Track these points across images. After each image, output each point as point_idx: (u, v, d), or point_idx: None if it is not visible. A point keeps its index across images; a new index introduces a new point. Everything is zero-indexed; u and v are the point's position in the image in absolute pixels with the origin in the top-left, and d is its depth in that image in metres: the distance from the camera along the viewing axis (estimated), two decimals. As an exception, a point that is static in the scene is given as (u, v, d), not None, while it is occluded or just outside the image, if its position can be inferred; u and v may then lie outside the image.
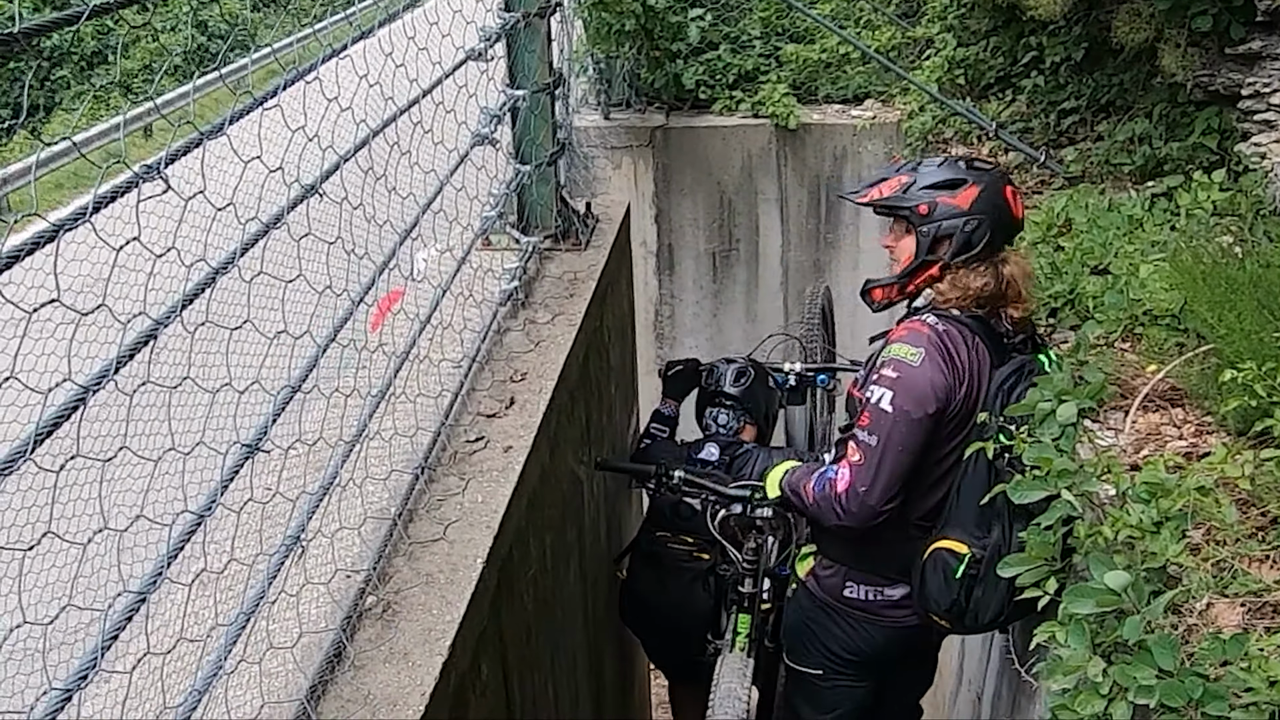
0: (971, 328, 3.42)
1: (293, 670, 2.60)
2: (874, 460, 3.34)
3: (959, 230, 3.46)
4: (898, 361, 3.37)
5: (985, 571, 3.28)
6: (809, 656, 4.01)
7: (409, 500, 3.32)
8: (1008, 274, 3.46)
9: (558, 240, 5.24)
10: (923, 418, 3.32)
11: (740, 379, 5.41)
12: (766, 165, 8.46)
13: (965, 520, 3.34)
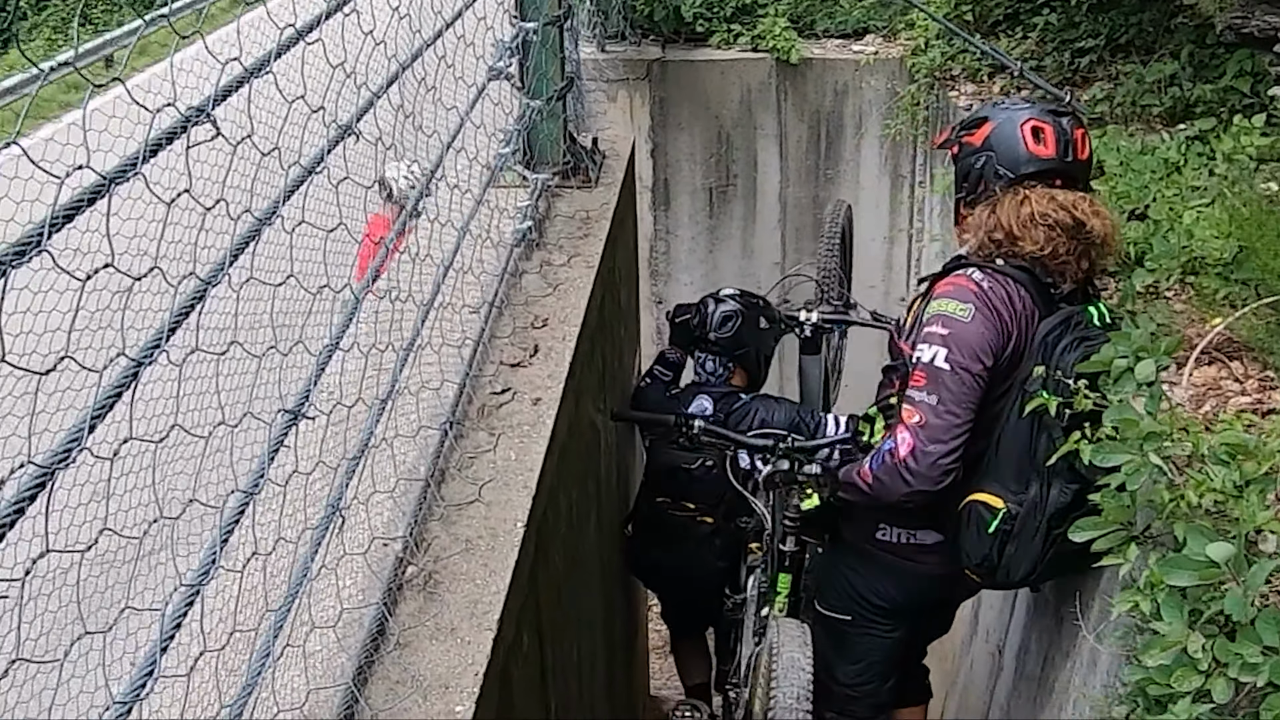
0: (1016, 278, 3.26)
1: (334, 650, 2.44)
2: (935, 418, 3.20)
3: (972, 167, 3.42)
4: (947, 318, 3.22)
5: (1020, 528, 3.19)
6: (839, 601, 3.92)
7: (440, 458, 3.15)
8: (1024, 215, 3.27)
9: (566, 177, 5.07)
10: (980, 371, 3.18)
11: (725, 324, 5.12)
12: (766, 100, 8.29)
13: (1003, 474, 3.24)
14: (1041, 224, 3.24)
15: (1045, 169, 3.33)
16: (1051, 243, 3.24)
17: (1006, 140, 3.35)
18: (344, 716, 2.36)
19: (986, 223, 3.32)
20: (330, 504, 2.45)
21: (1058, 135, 3.33)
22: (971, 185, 3.42)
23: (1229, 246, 3.59)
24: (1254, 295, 3.40)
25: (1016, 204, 3.28)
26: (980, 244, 3.34)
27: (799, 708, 3.22)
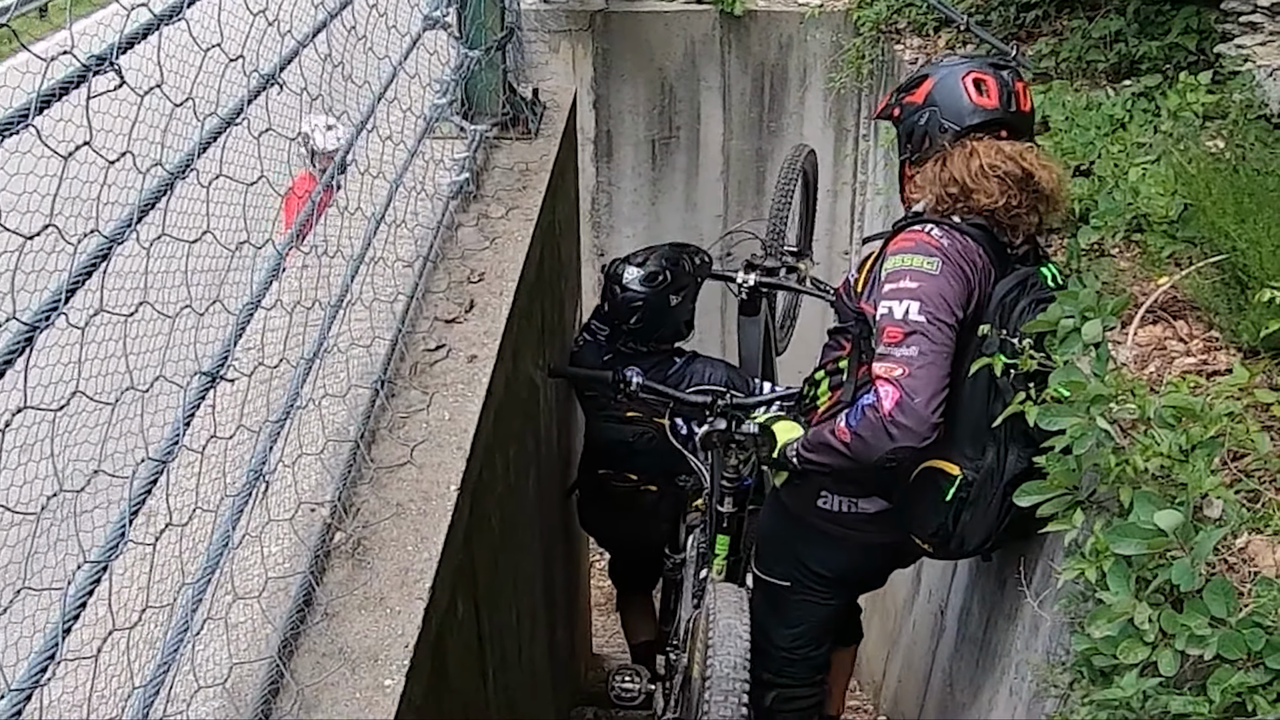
0: (974, 237, 3.20)
1: (259, 621, 2.35)
2: (919, 369, 3.04)
3: (915, 125, 3.38)
4: (915, 272, 3.11)
5: (976, 495, 3.14)
6: (779, 567, 3.86)
7: (370, 419, 3.05)
8: (974, 167, 3.22)
9: (505, 128, 4.95)
10: (954, 324, 3.08)
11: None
12: (710, 52, 8.19)
13: (959, 440, 3.17)
14: (992, 175, 3.19)
15: (990, 120, 3.28)
16: (1004, 194, 3.18)
17: (949, 93, 3.30)
18: (269, 691, 2.27)
19: (941, 177, 3.26)
20: (253, 469, 2.35)
21: (1000, 86, 3.29)
22: (916, 143, 3.37)
23: (1174, 204, 3.55)
24: (1199, 253, 3.37)
25: (966, 156, 3.23)
26: (937, 199, 3.27)
27: (735, 676, 3.15)
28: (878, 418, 3.05)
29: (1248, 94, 4.06)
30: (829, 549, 3.70)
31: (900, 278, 3.13)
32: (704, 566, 4.12)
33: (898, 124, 3.48)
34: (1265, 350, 2.96)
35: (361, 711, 2.29)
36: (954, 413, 3.16)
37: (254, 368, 2.31)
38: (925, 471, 3.24)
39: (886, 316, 3.11)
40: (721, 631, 3.17)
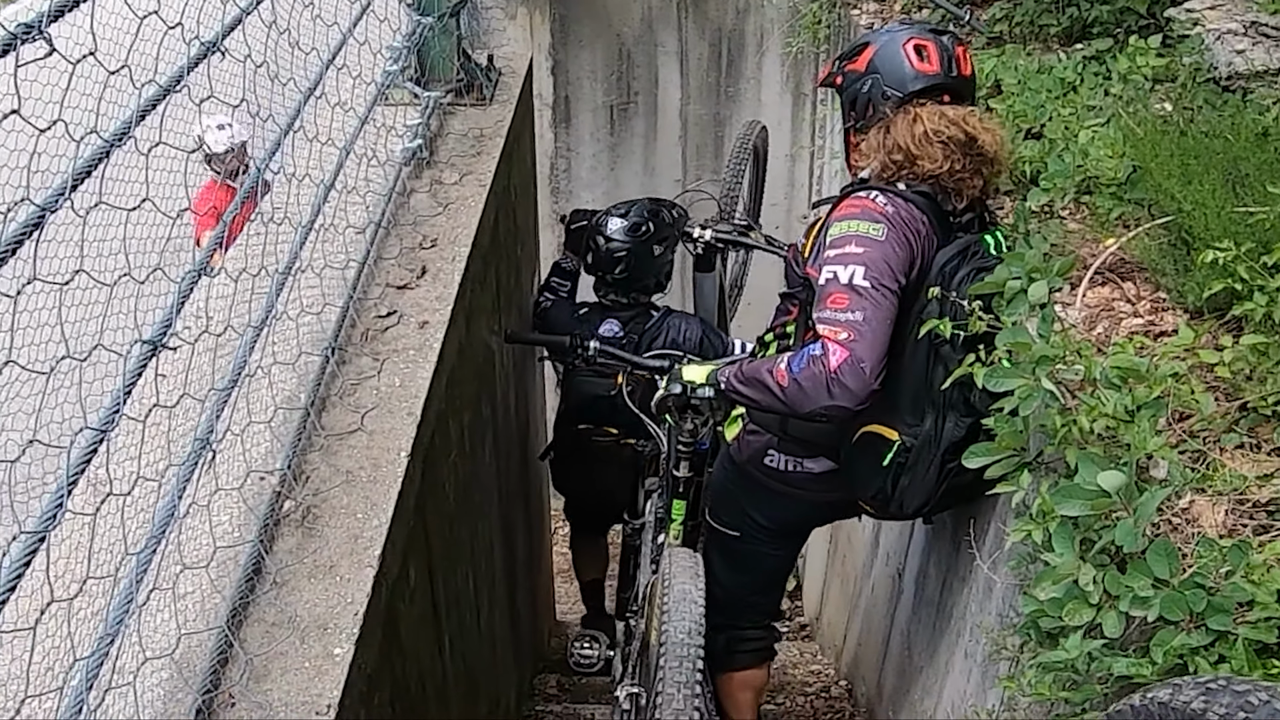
0: (918, 204, 3.20)
1: (208, 591, 2.35)
2: (866, 333, 3.02)
3: (858, 93, 3.38)
4: (860, 237, 3.10)
5: (914, 460, 3.17)
6: (728, 517, 3.92)
7: (320, 386, 3.04)
8: (918, 133, 3.22)
9: (460, 95, 4.92)
10: (896, 290, 3.08)
11: (617, 266, 5.04)
12: (667, 17, 8.18)
13: (899, 405, 3.19)
14: (936, 140, 3.19)
15: (932, 85, 3.29)
16: (948, 159, 3.19)
17: (891, 60, 3.31)
18: (218, 660, 2.27)
19: (885, 143, 3.26)
20: (199, 437, 2.34)
21: (940, 52, 3.30)
22: (860, 111, 3.37)
23: (1123, 166, 3.56)
24: (1147, 215, 3.38)
25: (909, 123, 3.23)
26: (882, 165, 3.28)
27: (690, 642, 3.15)
28: (822, 372, 3.01)
29: (1196, 57, 4.07)
30: (774, 503, 3.76)
31: (845, 243, 3.12)
32: (661, 531, 4.11)
33: (840, 91, 3.48)
34: (1209, 311, 2.98)
35: (311, 680, 2.29)
36: (895, 379, 3.17)
37: (198, 336, 2.29)
38: (865, 435, 3.27)
39: (832, 281, 3.10)
40: (676, 597, 3.16)
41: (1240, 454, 2.57)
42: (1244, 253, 2.76)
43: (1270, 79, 3.77)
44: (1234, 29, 3.96)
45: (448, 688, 3.52)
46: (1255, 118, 3.46)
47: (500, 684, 4.81)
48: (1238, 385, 2.68)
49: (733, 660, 4.15)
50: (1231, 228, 2.93)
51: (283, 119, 3.03)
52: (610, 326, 4.96)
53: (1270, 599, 2.06)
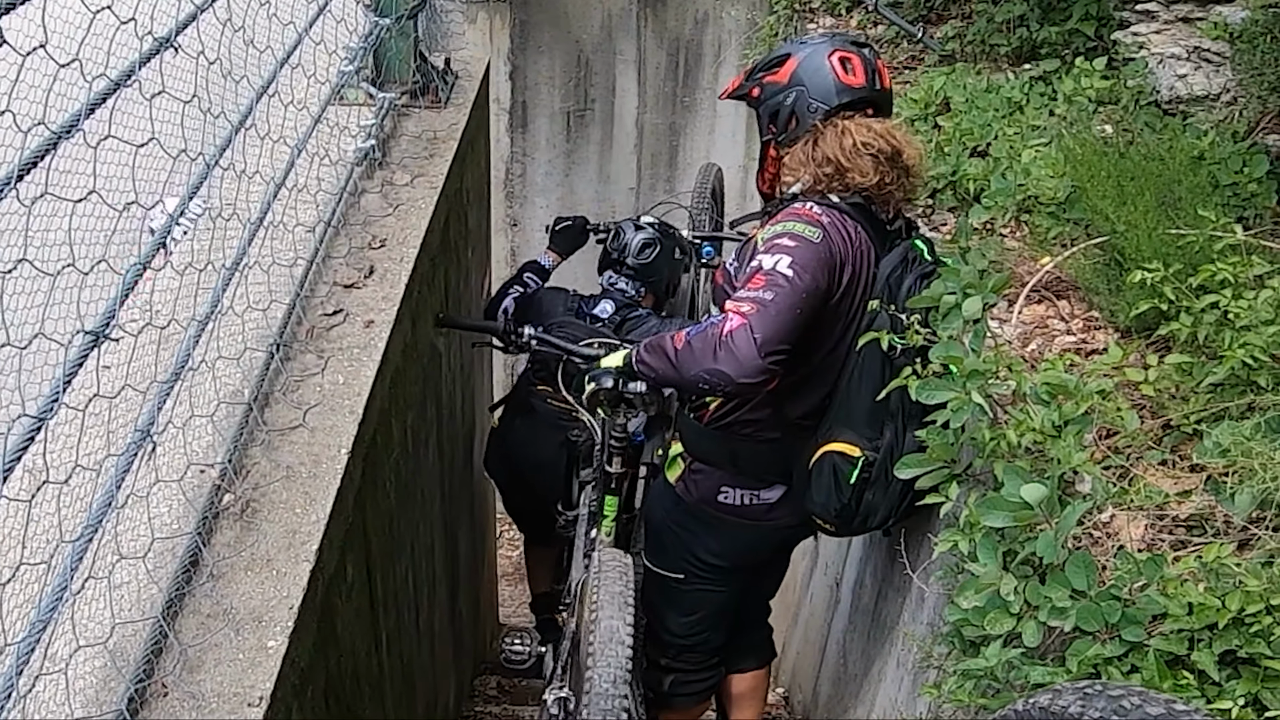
0: (853, 215, 3.24)
1: (145, 582, 2.36)
2: (769, 311, 2.96)
3: (780, 105, 3.36)
4: (795, 235, 3.09)
5: (878, 474, 3.17)
6: (670, 560, 3.83)
7: (264, 382, 3.06)
8: (847, 146, 3.25)
9: (415, 97, 4.94)
10: (817, 290, 3.05)
11: (644, 251, 5.11)
12: (626, 25, 8.20)
13: (856, 420, 3.20)
14: (865, 153, 3.23)
15: (858, 98, 3.30)
16: (877, 172, 3.23)
17: (816, 72, 3.30)
18: (152, 650, 2.29)
19: (814, 156, 3.27)
20: (140, 429, 2.36)
21: (864, 64, 3.32)
22: (782, 124, 3.36)
23: (1063, 186, 3.64)
24: (1084, 235, 3.45)
25: (838, 135, 3.25)
26: (814, 178, 3.29)
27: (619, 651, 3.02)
28: (713, 334, 2.96)
29: (1140, 80, 4.16)
30: (726, 538, 3.70)
31: (780, 238, 3.10)
32: (594, 525, 4.06)
33: (757, 104, 3.44)
34: (1138, 330, 3.06)
35: (244, 672, 2.31)
36: (849, 394, 3.22)
37: (141, 328, 2.30)
38: (826, 456, 3.25)
39: (756, 268, 3.06)
40: (605, 597, 3.13)
41: (1162, 470, 2.64)
42: (1172, 274, 2.84)
43: (1209, 103, 3.86)
44: (1177, 53, 4.04)
45: (384, 684, 3.54)
46: (1192, 141, 3.54)
47: (438, 683, 4.83)
48: (1162, 403, 2.75)
49: (673, 701, 4.10)
50: (1162, 249, 3.01)
51: (235, 116, 3.05)
52: (605, 306, 4.96)
53: (1182, 612, 2.13)
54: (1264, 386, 2.58)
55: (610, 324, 4.89)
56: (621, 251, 5.13)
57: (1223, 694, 2.08)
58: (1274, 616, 2.09)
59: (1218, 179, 3.39)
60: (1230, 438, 2.41)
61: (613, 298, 5.05)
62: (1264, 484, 2.25)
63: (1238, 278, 2.79)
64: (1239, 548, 2.35)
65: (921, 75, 5.27)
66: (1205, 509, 2.45)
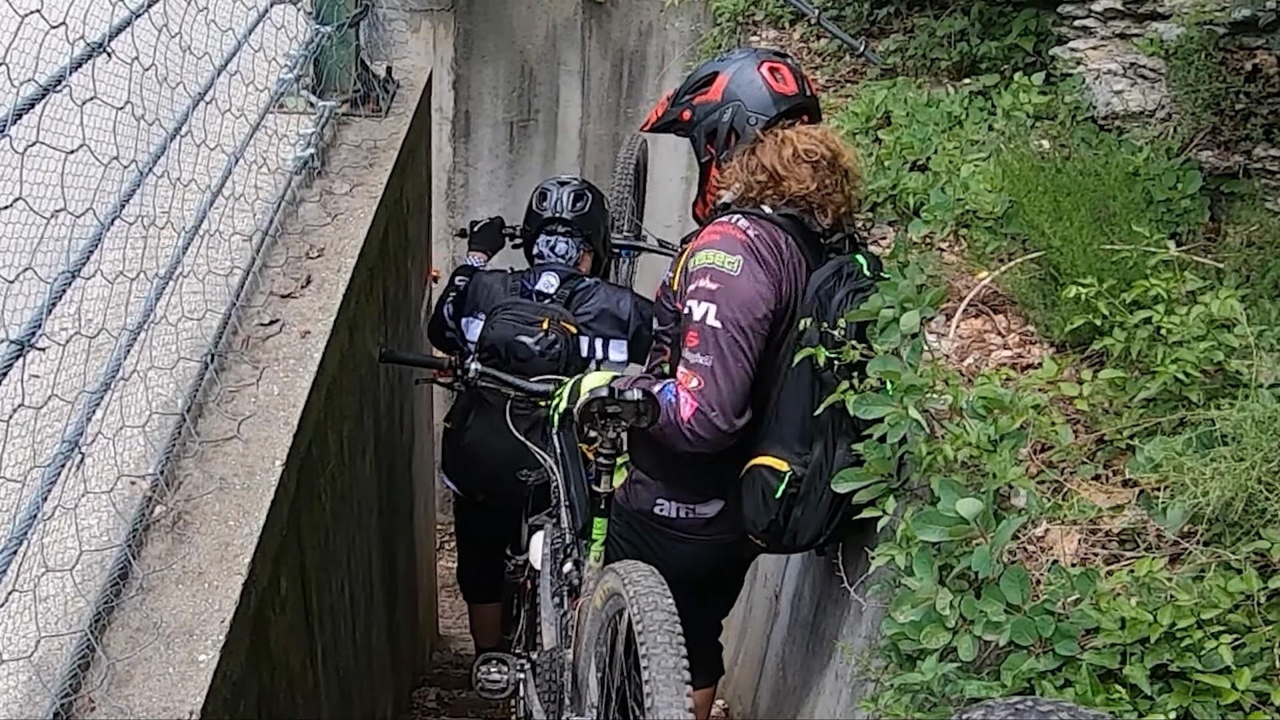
0: (784, 226, 3.25)
1: (72, 595, 2.32)
2: (713, 381, 3.12)
3: (718, 123, 3.37)
4: (715, 271, 3.15)
5: (806, 490, 3.18)
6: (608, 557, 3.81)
7: (198, 392, 3.02)
8: (787, 155, 3.27)
9: (356, 106, 4.91)
10: (752, 325, 3.13)
11: (578, 202, 5.03)
12: (571, 36, 8.22)
13: (786, 435, 3.22)
14: (807, 161, 3.25)
15: (794, 105, 3.35)
16: (816, 178, 3.25)
17: (749, 85, 3.33)
18: (79, 664, 2.25)
19: (749, 165, 3.29)
20: (68, 439, 2.32)
21: (793, 72, 3.37)
22: (722, 142, 3.38)
23: (1000, 201, 3.66)
24: (1020, 250, 3.47)
25: (778, 144, 3.27)
26: (745, 187, 3.31)
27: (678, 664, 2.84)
28: (676, 422, 3.13)
29: (1077, 96, 4.19)
30: (666, 551, 3.66)
31: (702, 276, 3.17)
32: (565, 561, 3.80)
33: (690, 127, 3.45)
34: (1073, 345, 3.08)
35: (174, 686, 2.28)
36: (778, 409, 3.23)
37: (69, 338, 2.27)
38: (754, 469, 3.27)
39: (688, 318, 3.17)
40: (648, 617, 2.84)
41: (1095, 485, 2.66)
42: (1106, 289, 2.87)
43: (1145, 119, 3.89)
44: (1114, 69, 4.08)
45: (319, 698, 3.50)
46: (1127, 157, 3.58)
47: (376, 695, 4.79)
48: (1095, 418, 2.77)
49: None
50: (1096, 264, 3.04)
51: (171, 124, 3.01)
52: (549, 279, 4.84)
53: (1114, 626, 2.14)
54: (1195, 402, 2.60)
55: (559, 298, 4.79)
56: (555, 208, 5.03)
57: (1154, 708, 2.10)
58: (1204, 631, 2.11)
59: (1152, 195, 3.42)
60: (1162, 452, 2.43)
61: (554, 269, 4.92)
62: (1195, 499, 2.27)
63: (1170, 293, 2.82)
64: (1170, 562, 2.37)
65: (863, 89, 5.30)
66: (1138, 523, 2.47)
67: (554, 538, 3.99)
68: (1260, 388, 2.47)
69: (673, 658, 2.48)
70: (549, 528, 4.09)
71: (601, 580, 3.00)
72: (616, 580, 2.78)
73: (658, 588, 2.70)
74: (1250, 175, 3.42)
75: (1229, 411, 2.40)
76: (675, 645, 2.53)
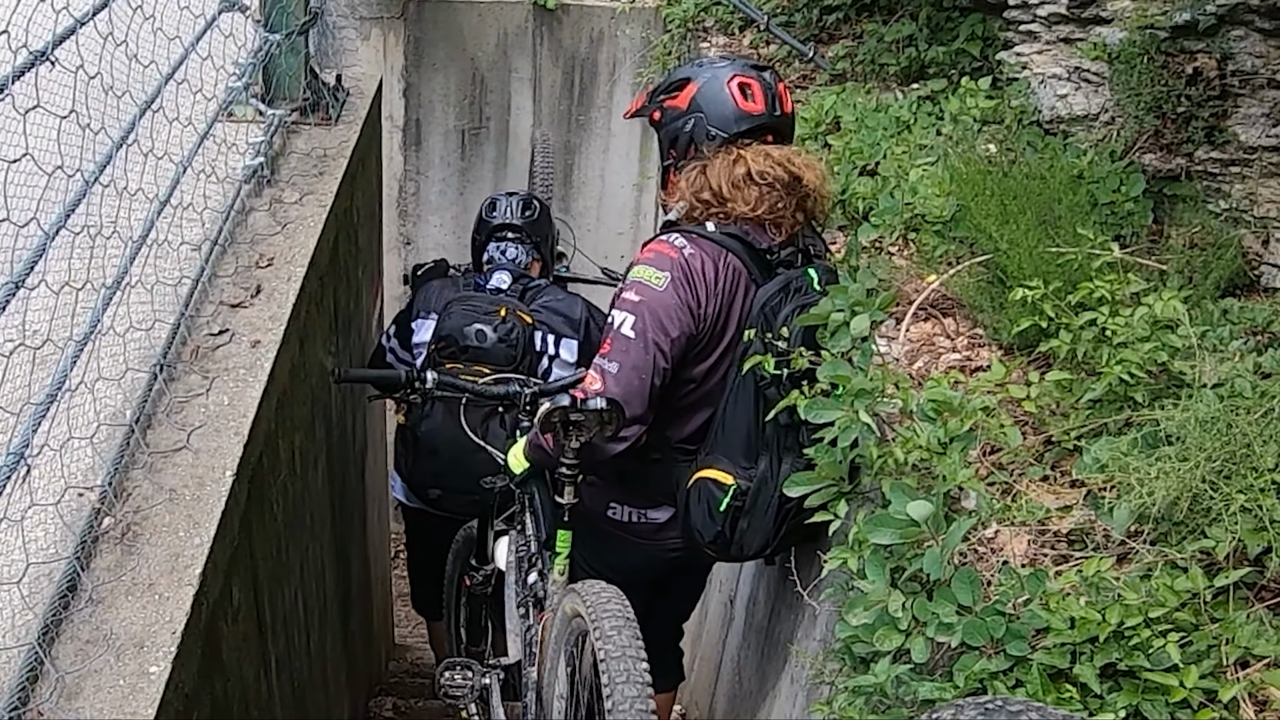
0: (726, 245, 3.26)
1: (20, 608, 2.30)
2: (615, 387, 3.15)
3: (680, 131, 3.39)
4: (642, 284, 3.20)
5: (752, 504, 3.22)
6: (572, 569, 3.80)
7: (147, 403, 3.00)
8: (738, 174, 3.28)
9: (305, 114, 4.89)
10: (665, 341, 3.17)
11: (527, 210, 5.03)
12: (522, 43, 8.21)
13: (731, 449, 3.26)
14: (759, 182, 3.24)
15: (757, 125, 3.33)
16: (765, 200, 3.25)
17: (715, 99, 3.33)
18: (27, 678, 2.23)
19: (695, 184, 3.30)
20: (13, 451, 2.30)
21: (764, 90, 3.34)
22: (682, 150, 3.39)
23: (948, 205, 3.69)
24: (969, 253, 3.51)
25: (730, 163, 3.27)
26: (690, 206, 3.32)
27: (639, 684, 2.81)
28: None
29: (1023, 100, 4.23)
30: (618, 553, 3.70)
31: (630, 288, 3.22)
32: (530, 571, 3.79)
33: (658, 128, 3.48)
34: (1020, 347, 3.12)
35: (125, 699, 2.26)
36: (723, 423, 3.26)
37: (13, 349, 2.25)
38: (700, 481, 3.30)
39: (609, 326, 3.23)
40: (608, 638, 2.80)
41: (1043, 486, 2.69)
42: (1052, 291, 2.90)
43: (1089, 123, 3.94)
44: (1059, 74, 4.12)
45: (274, 708, 3.48)
46: (1072, 161, 3.62)
47: (331, 706, 4.76)
48: (1043, 420, 2.81)
49: None
50: (1042, 267, 3.07)
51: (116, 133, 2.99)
52: (501, 278, 4.81)
53: (1064, 626, 2.17)
54: (1140, 402, 2.64)
55: (513, 293, 4.76)
56: (505, 214, 5.02)
57: (1104, 706, 2.12)
58: (1152, 629, 2.14)
59: (1096, 198, 3.46)
60: (1108, 453, 2.46)
61: (506, 269, 4.89)
62: (1141, 499, 2.30)
63: (1115, 295, 2.86)
64: (1118, 561, 2.40)
65: (813, 94, 5.32)
66: (1085, 524, 2.50)
67: (519, 545, 3.98)
68: (1203, 388, 2.50)
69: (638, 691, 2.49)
70: (513, 534, 4.07)
71: (565, 600, 3.01)
72: (579, 602, 2.79)
73: (620, 611, 2.72)
74: (1192, 177, 3.47)
75: (1173, 412, 2.43)
76: (638, 671, 2.54)
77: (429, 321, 4.75)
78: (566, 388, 3.95)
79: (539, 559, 3.68)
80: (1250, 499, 2.22)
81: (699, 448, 3.33)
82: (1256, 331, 2.96)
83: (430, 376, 4.06)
